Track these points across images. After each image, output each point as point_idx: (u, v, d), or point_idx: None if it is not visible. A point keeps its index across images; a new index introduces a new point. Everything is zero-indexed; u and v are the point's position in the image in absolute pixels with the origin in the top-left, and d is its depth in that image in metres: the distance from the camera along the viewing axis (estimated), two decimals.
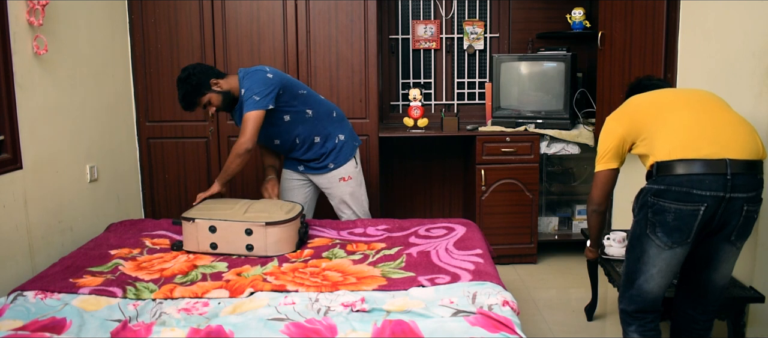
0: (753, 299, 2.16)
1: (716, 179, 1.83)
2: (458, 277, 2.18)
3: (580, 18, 3.79)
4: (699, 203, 1.85)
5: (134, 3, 3.46)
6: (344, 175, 2.97)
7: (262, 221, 2.44)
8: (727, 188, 1.82)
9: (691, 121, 1.94)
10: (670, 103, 2.03)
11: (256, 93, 2.65)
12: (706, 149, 1.86)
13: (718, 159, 1.83)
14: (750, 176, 1.84)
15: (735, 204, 1.84)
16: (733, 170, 1.82)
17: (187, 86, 2.69)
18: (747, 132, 1.89)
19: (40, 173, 2.62)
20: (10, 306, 1.98)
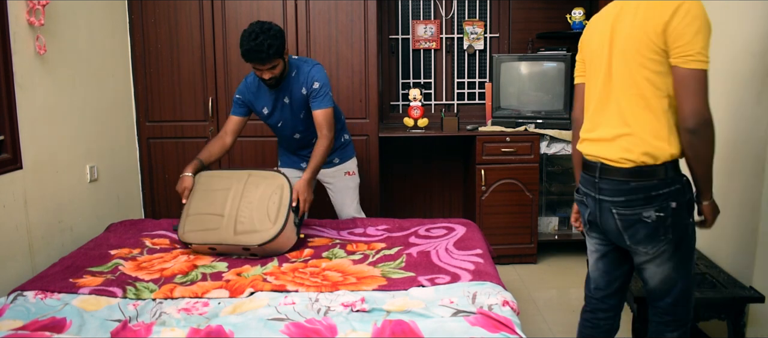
0: (753, 299, 2.16)
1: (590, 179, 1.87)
2: (458, 277, 2.19)
3: (580, 18, 3.79)
4: (582, 197, 1.93)
5: (134, 3, 3.46)
6: (349, 169, 3.04)
7: (256, 244, 2.40)
8: (597, 190, 1.85)
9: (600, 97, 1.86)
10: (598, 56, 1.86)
11: (328, 89, 2.73)
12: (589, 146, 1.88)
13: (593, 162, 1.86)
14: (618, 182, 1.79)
15: (603, 206, 1.83)
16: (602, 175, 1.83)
17: (279, 40, 2.54)
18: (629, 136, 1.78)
19: (40, 173, 2.62)
20: (10, 306, 1.98)
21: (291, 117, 2.80)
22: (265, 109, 2.80)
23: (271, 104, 2.77)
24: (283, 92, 2.74)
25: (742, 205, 2.34)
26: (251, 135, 3.57)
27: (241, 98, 2.82)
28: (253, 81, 2.79)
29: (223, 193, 2.55)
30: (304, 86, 2.71)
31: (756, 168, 2.25)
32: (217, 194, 2.56)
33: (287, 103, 2.76)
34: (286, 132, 2.88)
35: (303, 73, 2.71)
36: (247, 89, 2.81)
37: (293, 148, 2.99)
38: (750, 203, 2.29)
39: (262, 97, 2.78)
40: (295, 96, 2.73)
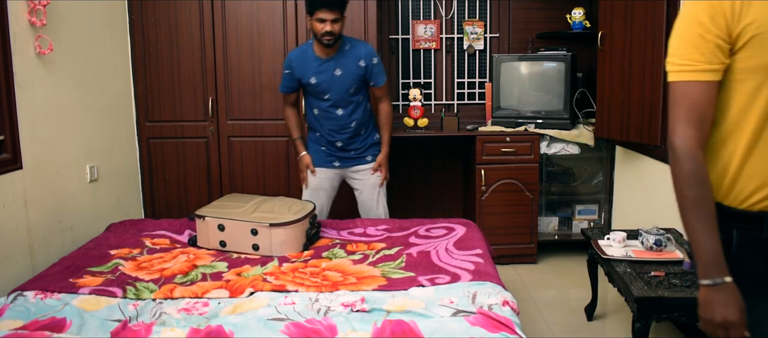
0: None
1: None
2: (458, 277, 2.19)
3: (580, 18, 3.79)
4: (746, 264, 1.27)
5: (134, 3, 3.46)
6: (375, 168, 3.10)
7: (266, 223, 2.45)
8: None
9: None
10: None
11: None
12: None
13: None
14: None
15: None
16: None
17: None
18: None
19: (40, 173, 2.62)
20: (10, 306, 1.98)
21: (339, 89, 2.84)
22: (312, 78, 2.84)
23: (319, 74, 2.83)
24: (333, 63, 2.82)
25: None
26: (251, 135, 3.57)
27: (290, 73, 2.89)
28: (298, 54, 2.89)
29: (252, 199, 2.74)
30: (364, 59, 2.84)
31: None
32: (246, 198, 2.76)
33: (338, 75, 2.83)
34: (330, 107, 2.89)
35: (360, 48, 2.87)
36: (295, 60, 2.87)
37: (331, 130, 2.94)
38: None
39: (309, 67, 2.84)
40: (350, 69, 2.83)
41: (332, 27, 2.70)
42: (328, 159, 3.01)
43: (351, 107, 2.90)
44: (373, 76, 2.90)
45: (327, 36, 2.72)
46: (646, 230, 2.55)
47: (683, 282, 2.25)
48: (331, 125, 2.93)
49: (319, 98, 2.89)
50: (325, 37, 2.72)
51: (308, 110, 2.99)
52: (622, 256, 2.49)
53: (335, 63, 2.82)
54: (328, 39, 2.72)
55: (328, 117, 2.92)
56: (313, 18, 2.74)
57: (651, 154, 3.11)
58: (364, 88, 2.94)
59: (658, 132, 2.93)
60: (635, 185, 3.36)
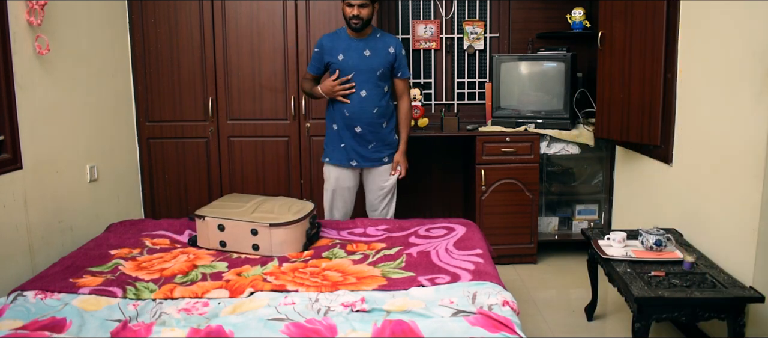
0: (753, 299, 2.16)
1: None
2: (458, 277, 2.18)
3: (580, 18, 3.79)
4: None
5: (134, 3, 3.46)
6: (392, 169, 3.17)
7: (266, 223, 2.45)
8: None
9: None
10: None
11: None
12: None
13: None
14: None
15: None
16: None
17: None
18: None
19: (40, 173, 2.62)
20: (10, 306, 1.98)
21: (367, 69, 2.95)
22: (340, 55, 2.95)
23: (348, 51, 2.95)
24: (363, 44, 2.96)
25: (742, 205, 2.34)
26: (251, 135, 3.57)
27: (319, 51, 3.01)
28: (331, 35, 3.03)
29: (252, 199, 2.74)
30: (393, 47, 3.00)
31: (756, 168, 2.25)
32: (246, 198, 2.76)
33: (367, 55, 2.96)
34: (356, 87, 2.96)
35: (391, 38, 3.02)
36: (327, 39, 3.01)
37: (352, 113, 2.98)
38: (750, 203, 2.29)
39: (339, 45, 2.97)
40: (380, 52, 2.97)
41: (359, 11, 2.85)
42: (346, 158, 3.05)
43: (374, 91, 2.97)
44: (401, 66, 3.03)
45: (354, 19, 2.87)
46: (646, 230, 2.55)
47: (683, 282, 2.25)
48: (354, 108, 2.97)
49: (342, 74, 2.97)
50: (352, 20, 2.88)
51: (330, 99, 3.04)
52: (622, 256, 2.49)
53: (365, 44, 2.96)
54: (355, 23, 2.88)
55: (351, 97, 2.97)
56: (343, 2, 2.89)
57: (651, 154, 3.11)
58: (389, 77, 3.04)
59: (658, 132, 2.93)
60: (635, 185, 3.36)
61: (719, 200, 2.51)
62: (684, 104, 2.79)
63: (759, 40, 2.22)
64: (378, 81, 2.97)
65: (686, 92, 2.77)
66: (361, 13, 2.86)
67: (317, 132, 3.56)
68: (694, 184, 2.71)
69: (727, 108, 2.44)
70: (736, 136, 2.37)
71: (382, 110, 3.01)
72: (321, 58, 3.01)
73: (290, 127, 3.56)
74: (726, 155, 2.45)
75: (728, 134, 2.43)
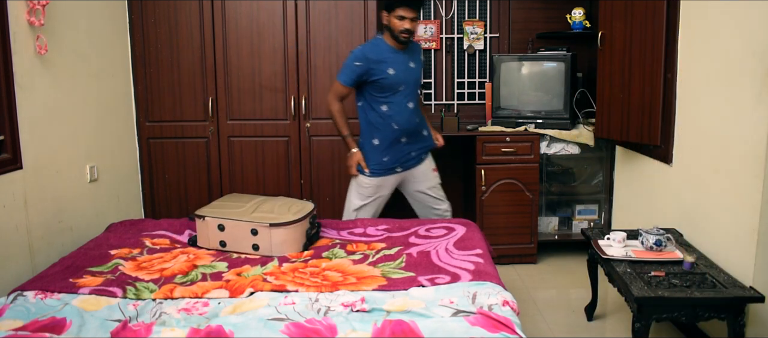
0: (753, 299, 2.16)
1: None
2: (458, 277, 2.18)
3: (580, 18, 3.79)
4: None
5: (134, 3, 3.46)
6: (434, 166, 3.20)
7: (266, 223, 2.45)
8: None
9: None
10: None
11: None
12: None
13: None
14: None
15: None
16: None
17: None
18: None
19: (40, 173, 2.62)
20: (10, 306, 1.98)
21: (412, 82, 2.97)
22: (390, 69, 2.88)
23: (396, 65, 2.90)
24: (407, 56, 2.95)
25: (742, 205, 2.34)
26: (251, 135, 3.57)
27: (362, 65, 2.87)
28: (371, 47, 2.92)
29: (252, 199, 2.73)
30: (420, 55, 3.08)
31: (756, 168, 2.25)
32: (246, 198, 2.76)
33: (412, 67, 2.97)
34: (403, 100, 2.95)
35: (417, 46, 3.08)
36: (371, 52, 2.89)
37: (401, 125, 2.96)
38: (750, 203, 2.29)
39: (386, 58, 2.89)
40: (419, 62, 3.04)
41: (411, 25, 2.83)
42: (391, 166, 3.02)
43: (416, 101, 3.01)
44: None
45: (404, 33, 2.83)
46: (646, 230, 2.55)
47: (683, 282, 2.25)
48: (403, 120, 2.95)
49: (392, 91, 2.91)
50: (402, 34, 2.83)
51: (373, 109, 2.95)
52: (622, 256, 2.49)
53: (408, 56, 2.95)
54: (405, 36, 2.84)
55: (401, 111, 2.93)
56: (392, 15, 2.84)
57: (651, 154, 3.11)
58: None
59: (658, 132, 2.93)
60: (635, 185, 3.36)
61: (719, 200, 2.51)
62: (684, 104, 2.79)
63: (759, 40, 2.22)
64: (416, 92, 3.02)
65: (686, 92, 2.77)
66: (412, 26, 2.83)
67: (317, 132, 3.56)
68: (694, 184, 2.71)
69: (727, 108, 2.44)
70: (736, 136, 2.37)
71: (421, 119, 3.07)
72: (363, 70, 2.88)
73: (290, 127, 3.56)
74: (726, 155, 2.45)
75: (728, 134, 2.43)
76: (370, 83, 2.90)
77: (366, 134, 3.01)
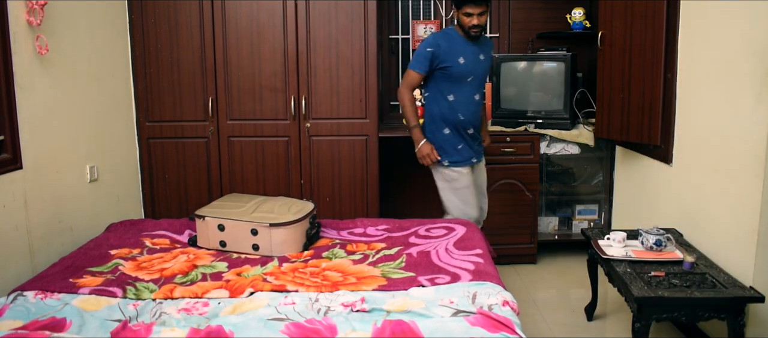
0: (753, 299, 2.16)
1: None
2: (458, 277, 2.18)
3: (580, 18, 3.79)
4: None
5: (134, 3, 3.46)
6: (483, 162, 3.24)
7: (266, 223, 2.45)
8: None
9: None
10: None
11: None
12: None
13: None
14: None
15: None
16: None
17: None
18: None
19: (40, 173, 2.62)
20: (10, 306, 1.98)
21: (481, 74, 3.00)
22: (461, 58, 2.90)
23: (467, 55, 2.91)
24: (477, 48, 2.97)
25: (742, 205, 2.34)
26: (251, 135, 3.57)
27: (433, 51, 2.90)
28: (444, 35, 2.94)
29: (252, 199, 2.74)
30: (491, 50, 3.09)
31: (756, 168, 2.25)
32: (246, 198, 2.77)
33: (482, 59, 2.99)
34: (470, 91, 2.97)
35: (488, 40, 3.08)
36: (443, 39, 2.92)
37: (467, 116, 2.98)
38: (750, 203, 2.29)
39: (457, 47, 2.91)
40: (488, 55, 3.05)
41: (479, 20, 2.84)
42: (468, 157, 3.05)
43: (481, 94, 3.05)
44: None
45: (474, 29, 2.85)
46: (646, 230, 2.55)
47: (683, 282, 2.25)
48: (468, 111, 2.97)
49: (461, 82, 2.94)
50: (472, 29, 2.85)
51: (440, 98, 2.98)
52: (622, 256, 2.49)
53: (479, 48, 2.98)
54: (475, 32, 2.86)
55: (467, 102, 2.96)
56: (460, 11, 2.86)
57: (651, 154, 3.11)
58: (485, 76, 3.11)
59: (658, 132, 2.93)
60: (635, 185, 3.36)
61: (719, 200, 2.51)
62: (684, 104, 2.79)
63: (759, 40, 2.22)
64: (484, 85, 3.07)
65: (686, 92, 2.77)
66: (480, 21, 2.85)
67: (317, 132, 3.56)
68: (694, 184, 2.71)
69: (727, 108, 2.44)
70: (736, 136, 2.37)
71: (482, 113, 3.12)
72: (434, 57, 2.92)
73: (290, 127, 3.56)
74: (726, 155, 2.45)
75: (728, 134, 2.43)
76: (439, 71, 2.93)
77: (435, 124, 3.02)
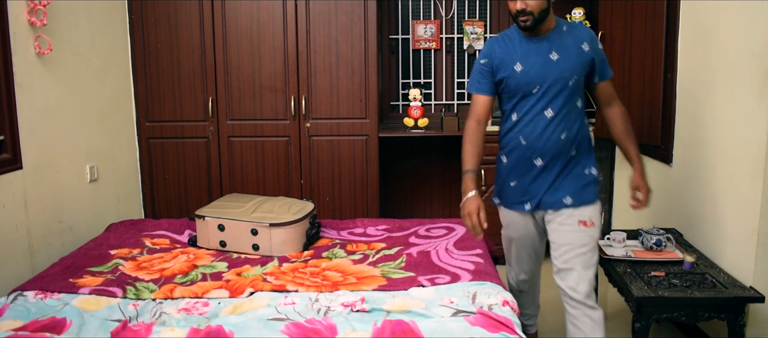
0: (753, 299, 2.16)
1: None
2: (458, 277, 2.18)
3: (580, 18, 3.79)
4: None
5: (134, 3, 3.46)
6: (587, 218, 2.14)
7: (266, 223, 2.45)
8: None
9: None
10: None
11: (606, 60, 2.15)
12: None
13: None
14: None
15: None
16: None
17: None
18: None
19: (40, 173, 2.62)
20: (10, 306, 1.98)
21: (557, 79, 2.05)
22: (518, 65, 2.08)
23: (528, 58, 2.07)
24: (547, 44, 2.08)
25: (742, 205, 2.34)
26: (251, 135, 3.57)
27: (488, 62, 2.14)
28: (501, 37, 2.18)
29: (252, 199, 2.74)
30: (588, 42, 2.09)
31: (756, 168, 2.25)
32: (246, 198, 2.76)
33: (555, 60, 2.07)
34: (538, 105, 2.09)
35: (581, 30, 2.14)
36: (498, 43, 2.15)
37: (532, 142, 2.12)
38: (750, 203, 2.29)
39: (514, 50, 2.11)
40: (570, 53, 2.07)
41: (525, 4, 1.99)
42: (517, 199, 2.23)
43: (565, 110, 2.08)
44: (601, 66, 2.13)
45: (522, 16, 2.03)
46: (646, 230, 2.55)
47: (683, 282, 2.25)
48: (534, 134, 2.11)
49: (524, 94, 2.11)
50: (520, 17, 2.04)
51: (507, 118, 2.22)
52: (622, 256, 2.49)
53: (550, 44, 2.09)
54: (523, 20, 2.03)
55: (533, 121, 2.10)
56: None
57: (651, 154, 3.11)
58: (582, 87, 2.14)
59: (658, 132, 2.93)
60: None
61: (719, 200, 2.51)
62: (684, 104, 2.79)
63: (759, 40, 2.22)
64: (571, 94, 2.07)
65: (686, 92, 2.77)
66: (528, 5, 1.99)
67: (317, 132, 3.56)
68: (694, 184, 2.71)
69: (727, 108, 2.44)
70: (736, 136, 2.37)
71: (573, 135, 2.11)
72: (489, 69, 2.16)
73: (290, 127, 3.56)
74: (726, 155, 2.45)
75: (728, 134, 2.43)
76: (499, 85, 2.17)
77: (499, 150, 2.32)
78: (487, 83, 2.16)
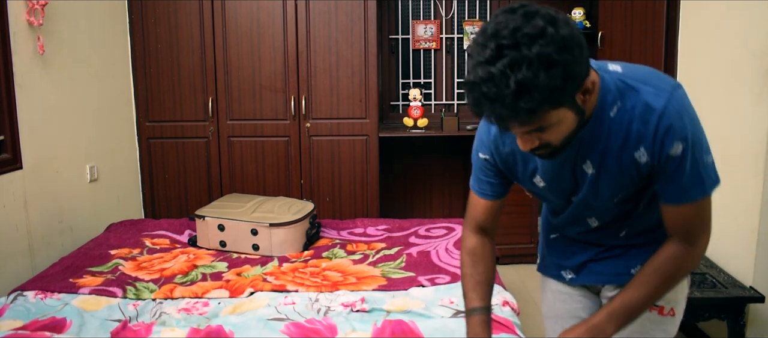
0: (753, 299, 2.16)
1: None
2: (458, 277, 2.18)
3: (580, 18, 3.79)
4: None
5: (134, 3, 3.46)
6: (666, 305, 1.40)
7: (266, 223, 2.45)
8: None
9: None
10: None
11: (707, 150, 1.35)
12: None
13: None
14: None
15: None
16: None
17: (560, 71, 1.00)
18: None
19: (40, 173, 2.62)
20: (10, 306, 1.98)
21: (595, 198, 1.31)
22: (537, 178, 1.35)
23: (547, 172, 1.32)
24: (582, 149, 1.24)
25: (742, 205, 2.34)
26: (251, 135, 3.57)
27: (489, 161, 1.39)
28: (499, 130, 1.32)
29: (252, 199, 2.75)
30: (645, 146, 1.20)
31: (756, 168, 2.25)
32: (246, 198, 2.77)
33: (591, 173, 1.26)
34: (571, 221, 1.44)
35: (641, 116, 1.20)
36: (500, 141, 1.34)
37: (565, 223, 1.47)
38: (750, 203, 2.29)
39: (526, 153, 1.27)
40: (613, 166, 1.24)
41: (537, 139, 1.14)
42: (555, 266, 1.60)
43: (624, 215, 1.36)
44: (663, 181, 1.26)
45: (539, 151, 1.18)
46: None
47: None
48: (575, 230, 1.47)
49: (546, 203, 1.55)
50: (536, 153, 1.20)
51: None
52: None
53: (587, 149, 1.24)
54: (541, 154, 1.20)
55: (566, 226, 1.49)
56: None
57: None
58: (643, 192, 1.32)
59: None
60: None
61: (719, 200, 2.50)
62: None
63: (759, 40, 2.22)
64: (622, 207, 1.33)
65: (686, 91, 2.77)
66: (544, 137, 1.14)
67: (317, 132, 3.56)
68: None
69: (727, 108, 2.44)
70: (736, 136, 2.37)
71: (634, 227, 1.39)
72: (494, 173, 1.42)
73: (290, 127, 3.56)
74: (726, 155, 2.45)
75: (728, 134, 2.43)
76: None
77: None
78: (493, 185, 1.44)
